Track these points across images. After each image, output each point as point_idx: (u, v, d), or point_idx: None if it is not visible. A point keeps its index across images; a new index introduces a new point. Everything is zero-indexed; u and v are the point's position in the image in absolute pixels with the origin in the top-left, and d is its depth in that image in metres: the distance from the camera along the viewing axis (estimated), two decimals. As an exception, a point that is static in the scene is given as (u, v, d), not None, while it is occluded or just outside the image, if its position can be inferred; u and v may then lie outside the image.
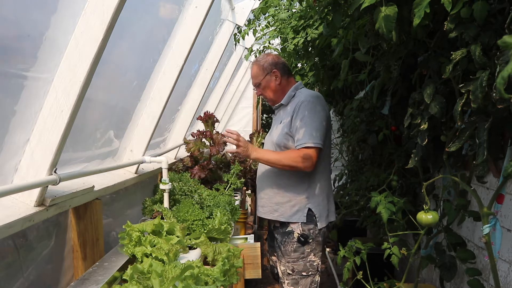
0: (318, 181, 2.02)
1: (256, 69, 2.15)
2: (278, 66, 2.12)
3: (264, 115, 8.39)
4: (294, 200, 2.00)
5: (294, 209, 2.00)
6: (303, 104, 1.98)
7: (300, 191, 2.00)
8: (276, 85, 2.12)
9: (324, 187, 2.04)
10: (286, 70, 2.16)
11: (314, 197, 2.00)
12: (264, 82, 2.13)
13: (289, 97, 2.11)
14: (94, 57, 1.18)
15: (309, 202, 1.99)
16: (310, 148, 1.90)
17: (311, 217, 1.98)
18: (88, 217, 1.56)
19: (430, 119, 1.55)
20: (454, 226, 1.93)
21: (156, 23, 2.14)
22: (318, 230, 1.99)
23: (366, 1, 1.28)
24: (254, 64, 2.19)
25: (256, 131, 3.25)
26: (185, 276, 1.15)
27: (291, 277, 2.01)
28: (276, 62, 2.14)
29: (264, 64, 2.12)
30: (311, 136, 1.91)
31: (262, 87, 2.15)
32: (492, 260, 1.35)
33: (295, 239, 1.99)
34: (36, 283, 1.33)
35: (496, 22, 1.21)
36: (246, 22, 3.27)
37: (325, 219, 2.03)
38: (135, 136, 2.17)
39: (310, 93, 2.07)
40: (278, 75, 2.11)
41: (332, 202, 2.10)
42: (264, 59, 2.15)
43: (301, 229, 1.98)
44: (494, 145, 1.43)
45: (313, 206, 1.99)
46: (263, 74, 2.12)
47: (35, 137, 1.24)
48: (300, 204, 1.99)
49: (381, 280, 2.18)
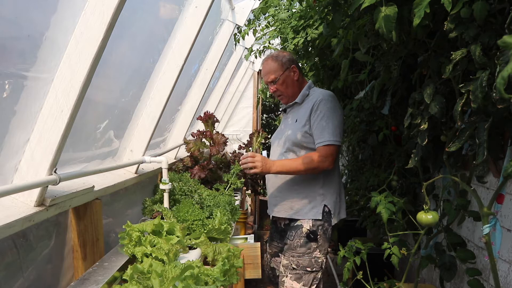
0: (332, 177, 2.03)
1: (274, 64, 2.08)
2: (295, 62, 2.11)
3: (264, 115, 8.39)
4: (310, 197, 2.01)
5: (309, 205, 2.00)
6: (322, 102, 1.97)
7: (316, 188, 2.01)
8: (295, 81, 2.09)
9: (337, 184, 2.06)
10: (300, 68, 2.15)
11: (329, 193, 2.02)
12: (283, 77, 2.07)
13: (303, 96, 2.09)
14: (94, 57, 1.18)
15: (325, 198, 2.01)
16: (330, 146, 1.91)
17: (327, 213, 2.00)
18: (88, 217, 1.56)
19: (430, 119, 1.54)
20: (454, 226, 1.93)
21: (156, 23, 2.14)
22: (327, 226, 2.00)
23: (366, 1, 1.28)
24: (270, 59, 2.11)
25: (256, 131, 3.25)
26: (185, 276, 1.15)
27: (294, 272, 2.00)
28: (292, 58, 2.11)
29: (283, 59, 2.07)
30: (333, 134, 1.92)
31: (280, 83, 2.08)
32: (492, 260, 1.35)
33: (303, 234, 1.98)
34: (36, 283, 1.33)
35: (496, 22, 1.20)
36: (246, 22, 3.27)
37: (337, 216, 2.05)
38: (135, 136, 2.17)
39: (326, 91, 2.06)
40: (296, 71, 2.09)
41: (343, 199, 2.12)
42: (281, 55, 2.10)
43: (310, 225, 1.99)
44: (494, 145, 1.43)
45: (328, 203, 2.00)
46: (282, 69, 2.06)
47: (35, 137, 1.24)
48: (316, 201, 2.00)
49: (381, 280, 2.17)
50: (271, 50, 3.09)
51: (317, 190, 2.01)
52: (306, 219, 1.99)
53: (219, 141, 2.70)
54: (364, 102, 2.51)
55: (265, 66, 2.11)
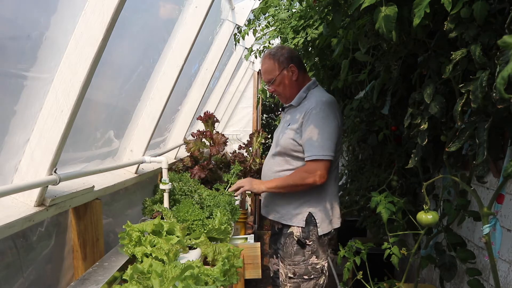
0: (321, 186, 1.90)
1: (270, 63, 1.95)
2: (295, 60, 1.95)
3: (264, 115, 8.39)
4: (295, 203, 1.92)
5: (294, 212, 1.93)
6: (313, 111, 1.84)
7: (301, 194, 1.91)
8: (293, 81, 1.95)
9: (328, 192, 1.94)
10: (301, 65, 2.00)
11: (316, 201, 1.92)
12: (280, 78, 1.94)
13: (300, 98, 1.96)
14: (94, 57, 1.19)
15: (310, 206, 1.91)
16: (318, 161, 1.81)
17: (311, 221, 1.91)
18: (88, 217, 1.56)
19: (430, 119, 1.54)
20: (454, 226, 1.93)
21: (156, 23, 2.14)
22: (319, 232, 1.91)
23: (366, 1, 1.28)
24: (267, 57, 1.98)
25: (256, 131, 3.25)
26: (185, 276, 1.15)
27: (292, 281, 1.94)
28: (292, 56, 1.95)
29: (280, 58, 1.93)
30: (321, 148, 1.80)
31: (277, 84, 1.96)
32: (492, 260, 1.35)
33: (294, 241, 1.92)
34: (36, 283, 1.33)
35: (496, 22, 1.20)
36: (246, 22, 3.27)
37: (327, 225, 1.93)
38: (135, 136, 2.17)
39: (322, 98, 1.90)
40: (295, 70, 1.94)
41: (336, 208, 1.99)
42: (279, 52, 1.95)
43: (300, 232, 1.92)
44: (494, 145, 1.43)
45: (314, 211, 1.91)
46: (278, 69, 1.93)
47: (35, 137, 1.24)
48: (301, 207, 1.92)
49: (381, 280, 2.17)
50: (268, 49, 3.09)
51: (303, 196, 1.91)
52: (296, 226, 1.92)
53: (219, 141, 2.71)
54: (364, 102, 2.50)
55: (262, 65, 2.02)
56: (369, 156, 2.94)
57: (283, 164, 1.97)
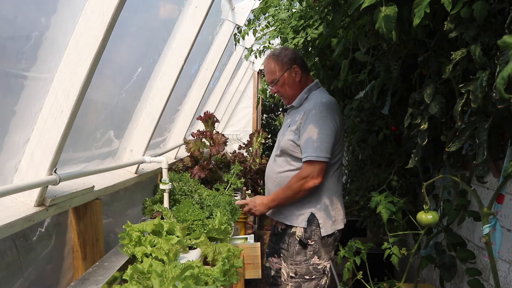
0: (324, 186, 1.92)
1: (274, 64, 1.97)
2: (298, 62, 1.97)
3: (264, 115, 8.39)
4: (298, 204, 1.93)
5: (297, 212, 1.94)
6: (311, 113, 1.86)
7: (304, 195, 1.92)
8: (296, 82, 1.97)
9: (330, 193, 1.95)
10: (305, 66, 2.01)
11: (319, 202, 1.93)
12: (283, 79, 1.96)
13: (301, 100, 1.97)
14: (94, 57, 1.19)
15: (312, 206, 1.92)
16: (314, 162, 1.83)
17: (314, 222, 1.92)
18: (88, 217, 1.56)
19: (430, 119, 1.54)
20: (454, 226, 1.93)
21: (156, 23, 2.14)
22: (322, 232, 1.91)
23: (366, 1, 1.28)
24: (270, 58, 1.99)
25: (256, 131, 3.25)
26: (185, 276, 1.15)
27: (294, 280, 1.95)
28: (295, 57, 1.97)
29: (284, 59, 1.95)
30: (317, 149, 1.82)
31: (280, 84, 1.98)
32: (492, 260, 1.35)
33: (297, 241, 1.94)
34: (36, 283, 1.33)
35: (496, 22, 1.20)
36: (246, 22, 3.27)
37: (330, 226, 1.94)
38: (135, 136, 2.17)
39: (321, 99, 1.92)
40: (298, 71, 1.96)
41: (340, 209, 1.99)
42: (283, 53, 1.97)
43: (302, 232, 1.93)
44: (494, 145, 1.43)
45: (316, 211, 1.92)
46: (281, 70, 1.95)
47: (35, 137, 1.24)
48: (303, 208, 1.93)
49: (381, 280, 2.17)
50: (271, 50, 3.09)
51: (306, 197, 1.92)
52: (298, 226, 1.94)
53: (219, 141, 2.71)
54: (364, 102, 2.51)
55: (265, 66, 2.04)
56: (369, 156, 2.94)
57: (285, 165, 1.99)
